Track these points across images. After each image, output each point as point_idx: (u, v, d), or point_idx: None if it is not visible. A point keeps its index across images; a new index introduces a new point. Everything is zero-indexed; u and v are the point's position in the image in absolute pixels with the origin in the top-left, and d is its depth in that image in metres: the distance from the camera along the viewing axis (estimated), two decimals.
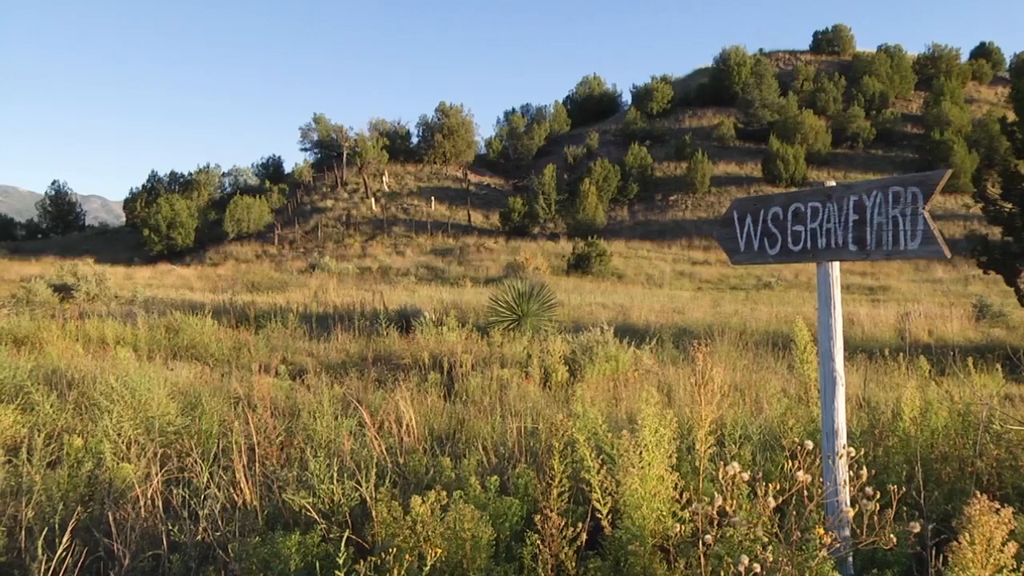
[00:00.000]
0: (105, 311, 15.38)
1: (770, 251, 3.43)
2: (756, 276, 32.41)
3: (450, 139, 60.93)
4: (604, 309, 18.35)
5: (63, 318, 12.80)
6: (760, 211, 3.48)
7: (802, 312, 15.08)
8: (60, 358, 8.70)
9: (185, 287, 28.28)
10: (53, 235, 63.52)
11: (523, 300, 13.07)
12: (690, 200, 48.86)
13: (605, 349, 9.03)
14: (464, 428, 5.49)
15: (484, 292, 21.58)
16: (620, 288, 29.29)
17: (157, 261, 44.06)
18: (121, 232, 61.75)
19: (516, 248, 40.28)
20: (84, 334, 11.53)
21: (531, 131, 63.35)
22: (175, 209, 48.82)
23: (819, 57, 67.94)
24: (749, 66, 61.82)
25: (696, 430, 3.44)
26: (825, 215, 3.18)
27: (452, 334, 11.48)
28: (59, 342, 10.50)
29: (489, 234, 45.92)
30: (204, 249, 48.03)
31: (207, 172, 63.38)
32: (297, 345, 11.68)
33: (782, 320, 15.29)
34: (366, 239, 46.11)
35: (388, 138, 60.52)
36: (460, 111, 63.07)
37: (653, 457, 3.02)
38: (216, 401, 5.85)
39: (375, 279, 32.16)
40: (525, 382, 7.69)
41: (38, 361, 8.13)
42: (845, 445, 3.03)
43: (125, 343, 10.82)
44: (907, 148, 52.19)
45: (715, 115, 60.66)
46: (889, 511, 2.48)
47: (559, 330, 11.89)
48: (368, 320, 13.10)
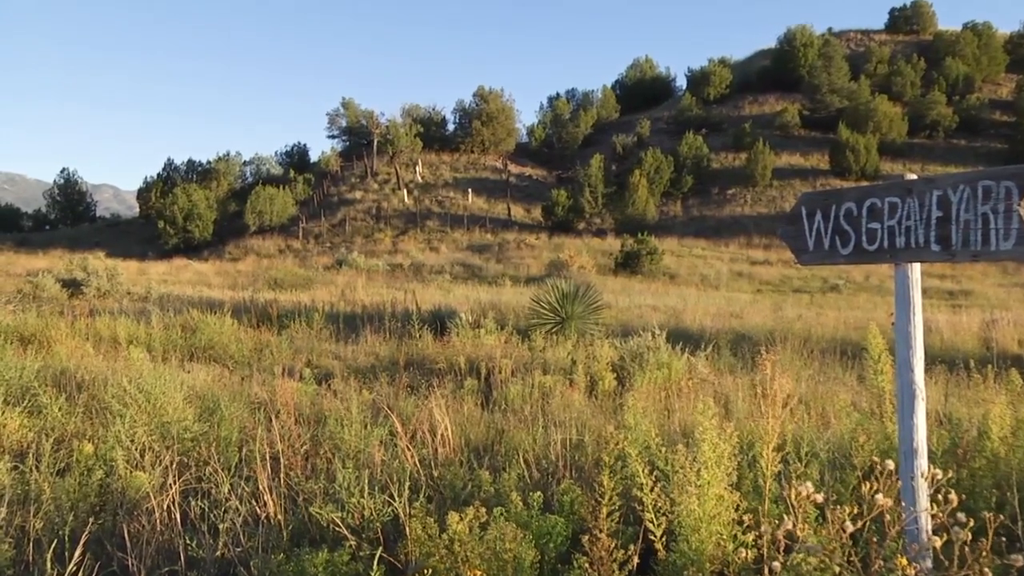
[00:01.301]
0: (117, 308, 15.62)
1: (842, 250, 3.36)
2: (822, 278, 31.96)
3: (489, 126, 61.07)
4: (655, 312, 18.23)
5: (72, 315, 13.02)
6: (832, 207, 3.42)
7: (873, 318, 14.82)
8: (69, 358, 8.83)
9: (202, 283, 28.70)
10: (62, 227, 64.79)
11: (567, 301, 13.02)
12: (749, 194, 48.37)
13: (656, 355, 8.95)
14: (503, 439, 5.48)
15: (525, 292, 21.57)
16: (672, 289, 29.06)
17: (172, 255, 44.76)
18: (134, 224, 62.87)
19: (559, 245, 40.24)
20: (95, 333, 11.72)
21: (576, 118, 63.24)
22: (192, 200, 49.46)
23: (895, 37, 66.70)
24: (816, 47, 60.91)
25: (758, 446, 3.39)
26: (905, 211, 3.10)
27: (490, 337, 11.48)
28: (68, 341, 10.66)
29: (530, 229, 45.92)
30: (223, 243, 48.74)
31: (227, 160, 64.11)
32: (323, 347, 11.78)
33: (851, 326, 15.05)
34: (397, 234, 46.43)
35: (422, 125, 60.79)
36: (500, 96, 63.18)
37: (712, 475, 2.99)
38: (236, 406, 5.91)
39: (407, 277, 32.36)
40: (569, 390, 7.66)
41: (46, 361, 8.24)
42: (929, 466, 2.96)
43: (138, 343, 10.97)
44: (995, 138, 50.96)
45: (778, 101, 59.96)
46: (983, 541, 2.41)
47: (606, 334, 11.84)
48: (399, 321, 13.16)
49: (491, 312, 14.19)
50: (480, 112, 61.91)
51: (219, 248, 47.64)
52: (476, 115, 62.00)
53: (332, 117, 68.21)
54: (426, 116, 66.29)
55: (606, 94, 69.87)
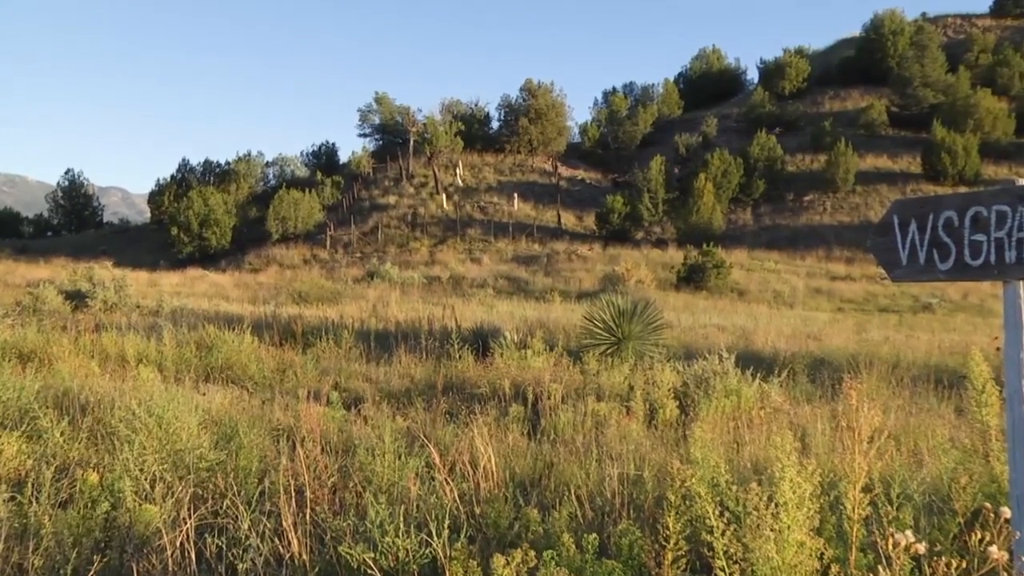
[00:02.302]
0: (125, 323, 15.85)
1: (941, 265, 3.30)
2: (912, 296, 31.43)
3: (537, 124, 61.23)
4: (722, 332, 18.07)
5: (76, 330, 13.20)
6: (928, 216, 3.36)
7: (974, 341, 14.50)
8: (72, 377, 8.94)
9: (219, 296, 29.11)
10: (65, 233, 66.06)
11: (624, 319, 12.96)
12: (829, 201, 47.81)
13: (724, 381, 8.86)
14: (553, 473, 5.45)
15: (576, 309, 21.51)
16: (741, 307, 28.80)
17: (187, 265, 45.43)
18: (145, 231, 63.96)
19: (615, 256, 40.13)
20: (100, 350, 11.89)
21: (635, 115, 63.12)
22: (209, 204, 50.18)
23: (1002, 22, 65.38)
24: (908, 35, 60.07)
25: (842, 486, 3.32)
26: (1016, 222, 3.04)
27: (538, 359, 11.45)
28: (71, 359, 10.81)
29: (583, 239, 45.87)
30: (242, 252, 49.44)
31: (247, 161, 64.92)
32: (352, 368, 11.84)
33: (947, 351, 14.76)
34: (435, 243, 46.70)
35: (463, 123, 61.15)
36: (550, 91, 63.33)
37: (792, 518, 2.93)
38: (256, 433, 5.96)
39: (445, 291, 32.50)
40: (626, 419, 7.61)
41: (47, 380, 8.35)
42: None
43: (149, 361, 11.11)
44: None
45: (862, 96, 59.24)
46: None
47: (667, 357, 11.74)
48: (437, 340, 13.20)
49: (539, 331, 14.15)
50: (528, 108, 62.09)
51: (238, 258, 48.32)
52: (523, 112, 62.18)
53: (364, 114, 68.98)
54: (468, 113, 66.67)
55: (668, 89, 69.66)
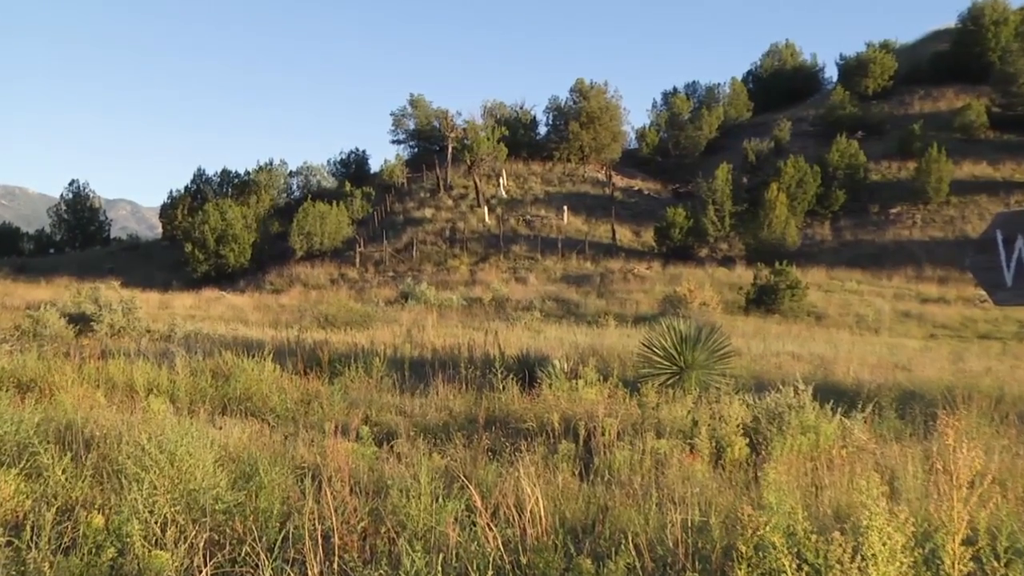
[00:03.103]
0: (134, 349, 16.04)
1: None
2: (1018, 321, 30.88)
3: (590, 129, 61.41)
4: (797, 361, 17.90)
5: (80, 357, 13.33)
6: None
7: None
8: (76, 409, 9.03)
9: (238, 320, 29.41)
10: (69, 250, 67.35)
11: (686, 347, 12.88)
12: (919, 213, 47.28)
13: (800, 416, 8.76)
14: (607, 518, 5.42)
15: (633, 334, 21.45)
16: (819, 333, 28.53)
17: (202, 285, 46.13)
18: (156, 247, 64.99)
19: (676, 276, 39.95)
20: (107, 378, 12.02)
21: (698, 118, 63.09)
22: (226, 218, 50.87)
23: None
24: (1013, 25, 59.21)
25: (939, 537, 3.26)
26: None
27: (590, 390, 11.41)
28: (74, 388, 10.92)
29: (640, 256, 45.79)
30: (263, 271, 50.08)
31: (269, 171, 65.75)
32: (384, 400, 11.88)
33: None
34: (476, 261, 46.87)
35: (507, 127, 61.47)
36: (603, 92, 63.53)
37: (882, 573, 2.88)
38: (278, 471, 5.98)
39: (487, 314, 32.56)
40: (689, 458, 7.55)
41: (48, 412, 8.44)
42: None
43: (160, 391, 11.23)
44: None
45: (957, 95, 58.61)
46: None
47: (735, 388, 11.63)
48: (478, 369, 13.20)
49: (591, 359, 14.10)
50: (579, 112, 62.30)
51: (258, 277, 48.92)
52: (574, 115, 62.40)
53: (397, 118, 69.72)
54: (512, 117, 67.04)
55: (736, 89, 69.57)
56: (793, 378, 10.01)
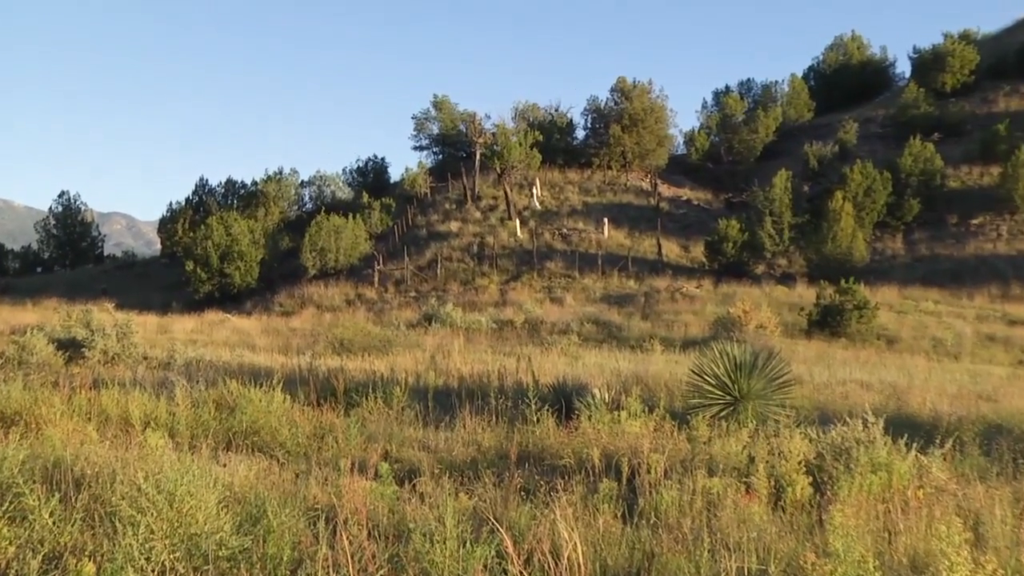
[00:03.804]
0: (129, 378, 16.11)
1: None
2: None
3: (633, 132, 61.36)
4: (866, 390, 17.77)
5: (70, 387, 13.39)
6: None
7: None
8: (65, 445, 9.07)
9: (244, 345, 29.53)
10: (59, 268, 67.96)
11: (741, 374, 12.83)
12: (1005, 225, 46.93)
13: (870, 452, 8.70)
14: (654, 566, 5.40)
15: (682, 361, 21.37)
16: (891, 358, 28.29)
17: (204, 307, 46.35)
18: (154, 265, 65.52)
19: (729, 295, 39.80)
20: (99, 411, 12.09)
21: (754, 120, 62.96)
22: (232, 233, 51.15)
23: None
24: None
25: None
26: None
27: (634, 423, 11.38)
28: (63, 422, 11.00)
29: (689, 273, 45.67)
30: (272, 291, 50.38)
31: (279, 181, 66.15)
32: (406, 433, 11.90)
33: None
34: (507, 279, 46.90)
35: (541, 132, 61.19)
36: (648, 91, 63.53)
37: None
38: (289, 514, 6.00)
39: (519, 338, 32.55)
40: (745, 499, 7.52)
41: (34, 449, 8.48)
42: None
43: (158, 425, 11.28)
44: None
45: None
46: None
47: (797, 421, 11.57)
48: (510, 399, 13.20)
49: (635, 388, 14.08)
50: (620, 114, 62.31)
51: (266, 298, 49.19)
52: (615, 118, 62.40)
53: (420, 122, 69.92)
54: (546, 120, 67.14)
55: (795, 86, 69.32)
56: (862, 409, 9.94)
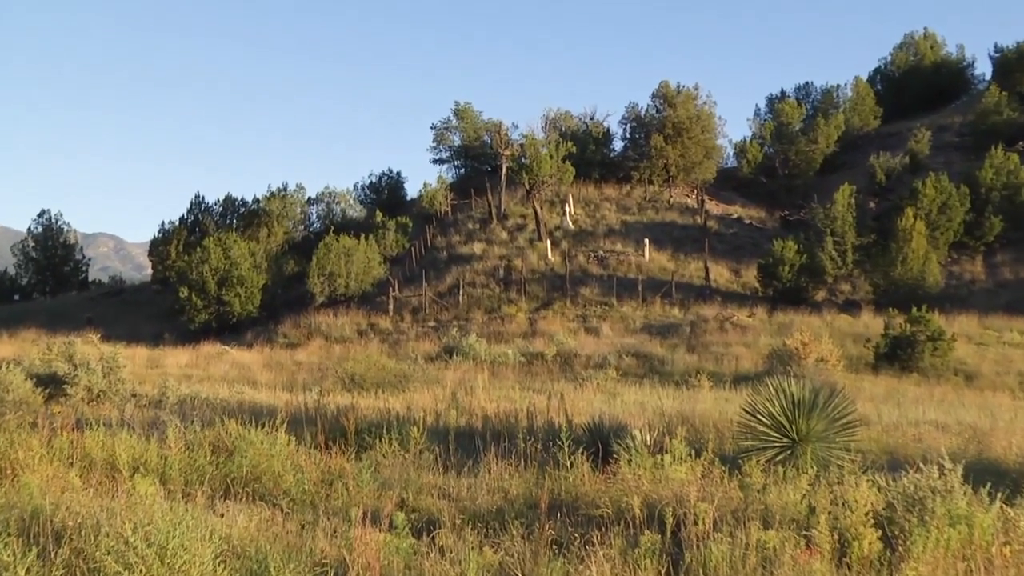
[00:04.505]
0: (116, 418, 16.16)
1: None
2: None
3: (677, 143, 61.33)
4: (942, 432, 17.62)
5: (50, 428, 13.41)
6: None
7: None
8: (44, 493, 9.12)
9: (244, 380, 29.62)
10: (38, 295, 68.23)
11: (800, 414, 12.78)
12: None
13: (947, 503, 8.64)
14: None
15: (732, 398, 21.31)
16: (970, 396, 28.07)
17: (200, 338, 46.41)
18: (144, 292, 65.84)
19: (786, 325, 39.67)
20: (82, 454, 12.14)
21: (813, 129, 62.88)
22: (231, 256, 51.40)
23: None
24: None
25: None
26: None
27: (679, 468, 11.35)
28: (42, 467, 11.06)
29: (740, 301, 45.58)
30: (275, 320, 50.53)
31: (283, 198, 66.33)
32: (424, 479, 11.91)
33: None
34: (537, 307, 46.92)
35: (574, 142, 61.23)
36: (694, 97, 63.60)
37: None
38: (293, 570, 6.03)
39: (550, 372, 32.53)
40: (805, 555, 7.49)
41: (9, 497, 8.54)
42: None
43: (148, 470, 11.32)
44: None
45: None
46: None
47: (863, 467, 11.52)
48: (540, 441, 13.18)
49: (680, 429, 14.05)
50: (663, 122, 62.32)
51: (269, 328, 49.36)
52: (657, 127, 62.42)
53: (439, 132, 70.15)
54: (580, 129, 67.36)
55: (860, 91, 69.20)
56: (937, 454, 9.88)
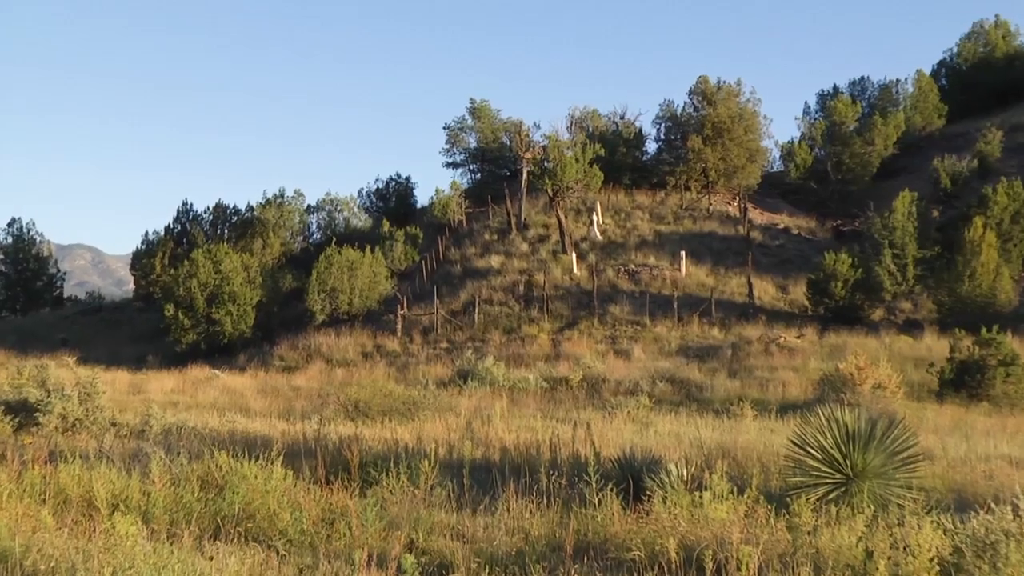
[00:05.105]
0: (94, 449, 16.21)
1: None
2: None
3: (717, 145, 61.17)
4: (1017, 469, 17.55)
5: (20, 461, 13.48)
6: None
7: None
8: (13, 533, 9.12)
9: (237, 408, 29.61)
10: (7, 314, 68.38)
11: (855, 447, 12.75)
12: None
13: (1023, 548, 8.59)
14: None
15: (779, 429, 21.26)
16: None
17: (188, 361, 46.61)
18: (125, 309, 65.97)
19: (838, 347, 39.55)
20: (56, 490, 12.17)
21: (869, 129, 62.77)
22: (222, 270, 51.50)
23: None
24: None
25: None
26: None
27: (720, 506, 11.32)
28: (12, 504, 11.07)
29: (788, 320, 45.50)
30: (271, 341, 50.70)
31: (280, 206, 66.52)
32: (435, 518, 11.90)
33: None
34: (561, 327, 46.89)
35: (603, 144, 60.78)
36: (736, 94, 63.46)
37: None
38: None
39: (576, 400, 32.45)
40: None
41: None
42: None
43: (129, 508, 11.30)
44: None
45: None
46: None
47: (926, 506, 11.47)
48: (564, 476, 13.18)
49: (721, 463, 14.00)
50: (702, 122, 62.19)
51: (264, 350, 49.50)
52: (695, 127, 62.29)
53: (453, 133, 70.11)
54: (610, 129, 67.20)
55: (922, 86, 69.00)
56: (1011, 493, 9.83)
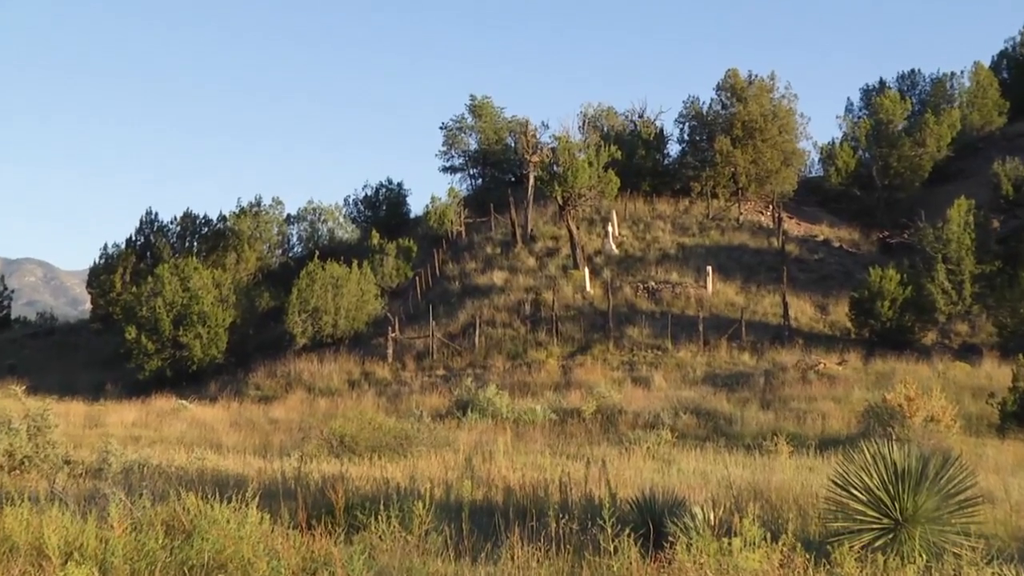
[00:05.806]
0: (45, 491, 16.24)
1: None
2: None
3: (748, 147, 61.00)
4: None
5: None
6: None
7: None
8: None
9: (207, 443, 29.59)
10: None
11: (905, 488, 12.75)
12: None
13: None
14: None
15: (818, 467, 21.25)
16: None
17: (152, 390, 46.37)
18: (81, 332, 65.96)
19: (886, 375, 39.54)
20: (2, 537, 12.20)
21: (920, 128, 62.70)
22: (190, 288, 51.46)
23: None
24: None
25: None
26: None
27: (752, 555, 11.32)
28: None
29: (828, 344, 45.49)
30: (246, 368, 50.79)
31: (256, 215, 66.55)
32: (430, 568, 11.91)
33: None
34: (572, 351, 46.89)
35: (619, 146, 60.44)
36: (769, 89, 63.33)
37: None
38: None
39: (589, 433, 32.45)
40: None
41: None
42: None
43: (84, 557, 11.29)
44: None
45: None
46: None
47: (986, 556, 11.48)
48: (576, 520, 13.19)
49: (752, 505, 14.01)
50: (731, 120, 62.08)
51: (238, 377, 49.57)
52: (722, 127, 62.18)
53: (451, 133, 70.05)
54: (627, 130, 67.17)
55: (980, 81, 68.94)
56: None
